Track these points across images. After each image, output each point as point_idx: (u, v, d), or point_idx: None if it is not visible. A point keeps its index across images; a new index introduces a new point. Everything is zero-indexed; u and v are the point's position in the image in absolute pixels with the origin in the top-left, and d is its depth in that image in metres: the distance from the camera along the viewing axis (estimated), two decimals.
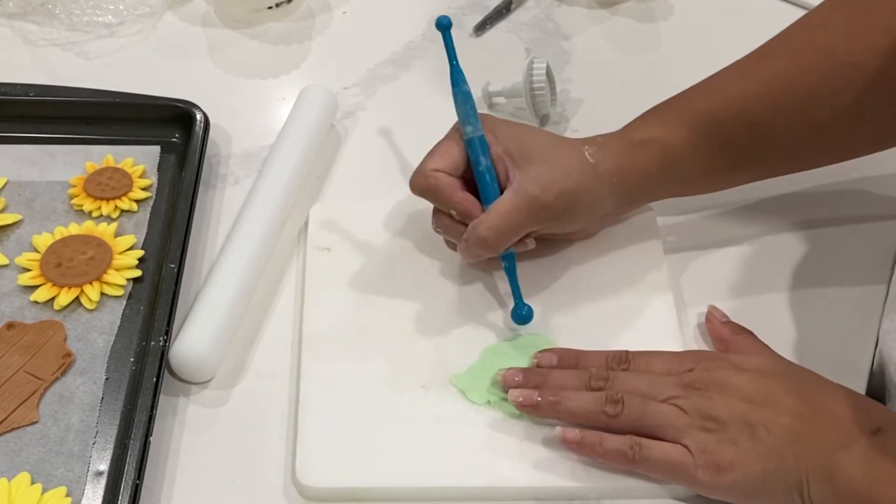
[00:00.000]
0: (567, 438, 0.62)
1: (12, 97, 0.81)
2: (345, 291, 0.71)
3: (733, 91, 0.70)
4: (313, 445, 0.63)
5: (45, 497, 0.61)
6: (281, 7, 0.93)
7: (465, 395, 0.65)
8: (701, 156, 0.69)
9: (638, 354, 0.65)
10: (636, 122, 0.72)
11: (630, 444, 0.61)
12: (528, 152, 0.67)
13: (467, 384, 0.66)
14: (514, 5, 0.95)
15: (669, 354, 0.66)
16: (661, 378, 0.63)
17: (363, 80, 0.88)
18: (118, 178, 0.77)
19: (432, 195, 0.68)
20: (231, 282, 0.70)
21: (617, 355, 0.65)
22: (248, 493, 0.63)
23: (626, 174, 0.69)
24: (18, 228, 0.75)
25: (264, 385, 0.68)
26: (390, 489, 0.62)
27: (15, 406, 0.65)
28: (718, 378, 0.62)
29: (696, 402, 0.61)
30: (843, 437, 0.59)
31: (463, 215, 0.67)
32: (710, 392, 0.62)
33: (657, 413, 0.61)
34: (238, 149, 0.82)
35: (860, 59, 0.67)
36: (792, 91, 0.68)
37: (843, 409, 0.60)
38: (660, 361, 0.65)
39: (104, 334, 0.69)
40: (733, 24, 0.94)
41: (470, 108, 0.69)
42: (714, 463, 0.59)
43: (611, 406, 0.62)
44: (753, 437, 0.59)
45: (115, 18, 0.91)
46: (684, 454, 0.60)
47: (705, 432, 0.60)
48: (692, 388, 0.62)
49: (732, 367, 0.63)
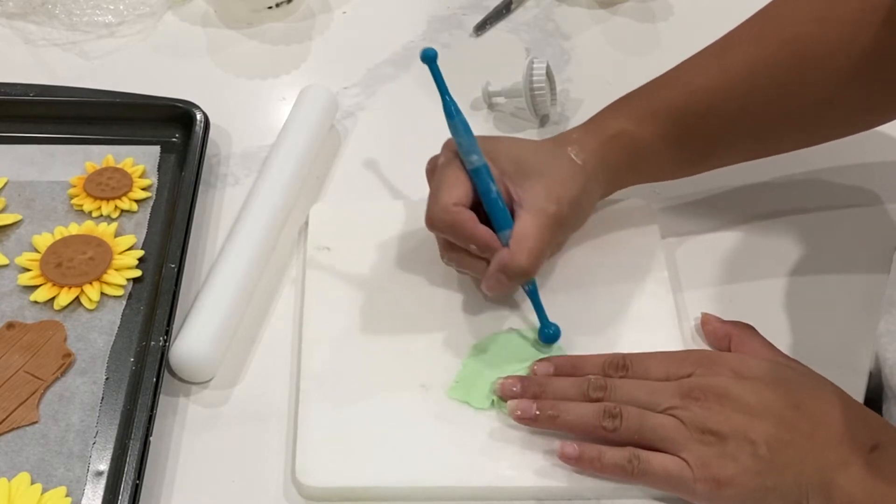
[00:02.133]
0: (566, 454, 0.61)
1: (12, 97, 0.81)
2: (345, 291, 0.71)
3: (699, 82, 0.70)
4: (313, 445, 0.63)
5: (45, 497, 0.61)
6: (281, 7, 0.93)
7: (470, 405, 0.65)
8: (669, 148, 0.70)
9: (636, 358, 0.65)
10: (606, 112, 0.72)
11: (629, 458, 0.60)
12: (524, 168, 0.67)
13: (465, 393, 0.66)
14: (514, 5, 0.95)
15: (667, 357, 0.65)
16: (660, 385, 0.63)
17: (363, 80, 0.88)
18: (118, 178, 0.77)
19: (453, 231, 0.66)
20: (231, 282, 0.70)
21: (614, 361, 0.65)
22: (248, 493, 0.63)
23: (606, 168, 0.69)
24: (18, 228, 0.75)
25: (264, 385, 0.68)
26: (390, 489, 0.62)
27: (15, 406, 0.65)
28: (718, 387, 0.61)
29: (696, 414, 0.60)
30: (842, 454, 0.59)
31: (484, 248, 0.65)
32: (709, 402, 0.61)
33: (656, 426, 0.61)
34: (238, 149, 0.82)
35: (828, 48, 0.67)
36: (759, 83, 0.68)
37: (843, 422, 0.60)
38: (658, 365, 0.64)
39: (104, 334, 0.69)
40: (733, 24, 0.93)
41: (471, 137, 0.67)
42: (713, 477, 0.59)
43: (609, 420, 0.61)
44: (754, 453, 0.59)
45: (115, 18, 0.91)
46: (683, 468, 0.59)
47: (705, 446, 0.60)
48: (691, 397, 0.61)
49: (732, 373, 0.62)
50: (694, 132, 0.70)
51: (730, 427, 0.60)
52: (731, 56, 0.70)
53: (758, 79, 0.68)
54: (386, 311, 0.70)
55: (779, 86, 0.68)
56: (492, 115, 0.85)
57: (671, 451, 0.60)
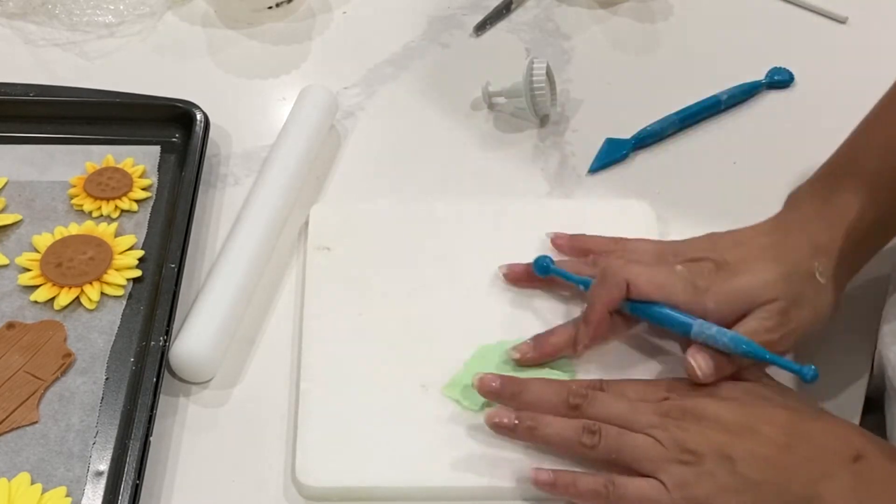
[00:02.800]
0: (540, 480, 0.60)
1: (12, 97, 0.81)
2: (345, 291, 0.71)
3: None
4: (313, 445, 0.63)
5: (45, 497, 0.61)
6: (281, 7, 0.93)
7: (460, 404, 0.65)
8: (889, 215, 0.68)
9: (612, 382, 0.64)
10: (837, 201, 0.67)
11: (604, 484, 0.59)
12: (756, 302, 0.64)
13: (458, 392, 0.65)
14: (514, 5, 0.95)
15: (643, 382, 0.65)
16: (639, 404, 0.62)
17: (363, 80, 0.88)
18: (118, 178, 0.77)
19: None
20: (231, 282, 0.70)
21: (592, 383, 0.64)
22: (248, 494, 0.63)
23: (850, 274, 0.67)
24: (18, 228, 0.75)
25: (264, 385, 0.68)
26: (390, 489, 0.62)
27: (15, 406, 0.65)
28: (695, 407, 0.61)
29: (673, 434, 0.60)
30: (824, 466, 0.58)
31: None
32: (686, 422, 0.60)
33: (634, 447, 0.60)
34: (238, 149, 0.82)
35: None
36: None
37: (823, 435, 0.60)
38: (634, 389, 0.64)
39: (104, 334, 0.69)
40: (733, 24, 0.94)
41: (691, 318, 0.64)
42: (691, 497, 0.58)
43: (588, 437, 0.60)
44: (732, 470, 0.58)
45: (115, 18, 0.91)
46: (660, 491, 0.59)
47: (682, 465, 0.59)
48: (669, 416, 0.61)
49: (707, 394, 0.62)
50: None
51: (708, 446, 0.59)
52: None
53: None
54: (386, 311, 0.70)
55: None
56: (492, 116, 0.85)
57: (648, 471, 0.59)
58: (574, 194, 0.79)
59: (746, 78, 0.87)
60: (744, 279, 0.65)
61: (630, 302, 0.65)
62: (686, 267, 0.66)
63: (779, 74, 0.88)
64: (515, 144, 0.83)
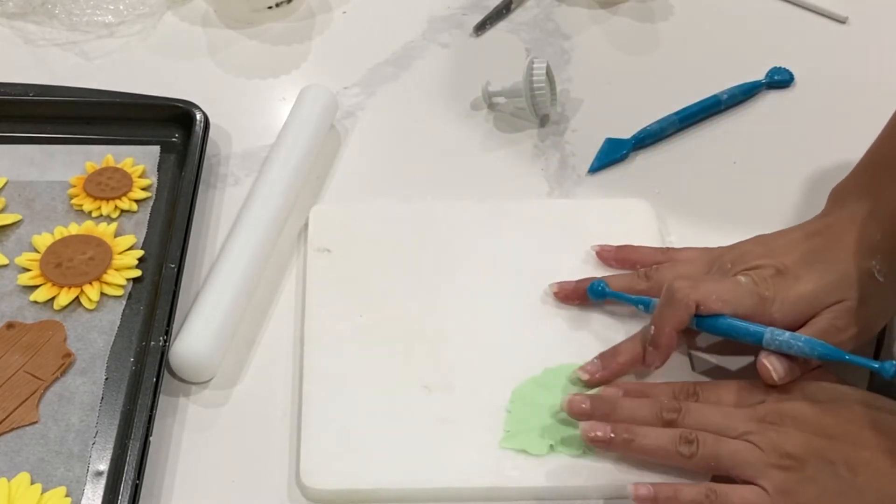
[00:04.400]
0: (640, 495, 0.58)
1: (12, 97, 0.81)
2: (345, 293, 0.71)
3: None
4: (317, 447, 0.63)
5: (45, 497, 0.61)
6: (281, 7, 0.93)
7: (528, 452, 0.63)
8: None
9: (706, 386, 0.64)
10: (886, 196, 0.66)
11: (706, 494, 0.58)
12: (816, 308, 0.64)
13: (520, 441, 0.63)
14: (514, 5, 0.95)
15: (738, 384, 0.64)
16: (734, 410, 0.61)
17: (363, 80, 0.88)
18: (118, 178, 0.77)
19: None
20: (231, 282, 0.70)
21: (684, 388, 0.63)
22: (248, 493, 0.63)
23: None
24: (18, 228, 0.75)
25: (264, 385, 0.68)
26: (395, 490, 0.62)
27: (15, 406, 0.65)
28: (792, 410, 0.60)
29: (772, 438, 0.59)
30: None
31: None
32: (784, 426, 0.59)
33: (732, 452, 0.59)
34: (238, 149, 0.82)
35: None
36: None
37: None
38: (729, 392, 0.63)
39: (104, 334, 0.69)
40: (733, 24, 0.94)
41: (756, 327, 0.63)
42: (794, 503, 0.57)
43: (685, 446, 0.60)
44: (834, 474, 0.57)
45: (115, 18, 0.92)
46: (763, 497, 0.58)
47: (783, 471, 0.58)
48: (766, 421, 0.60)
49: (804, 397, 0.61)
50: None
51: (808, 450, 0.58)
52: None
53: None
54: (387, 312, 0.70)
55: None
56: (492, 115, 0.85)
57: (748, 477, 0.59)
58: (574, 194, 0.79)
59: (746, 78, 0.87)
60: (807, 284, 0.64)
61: (696, 317, 0.64)
62: (748, 277, 0.65)
63: (779, 74, 0.88)
64: (515, 144, 0.83)
